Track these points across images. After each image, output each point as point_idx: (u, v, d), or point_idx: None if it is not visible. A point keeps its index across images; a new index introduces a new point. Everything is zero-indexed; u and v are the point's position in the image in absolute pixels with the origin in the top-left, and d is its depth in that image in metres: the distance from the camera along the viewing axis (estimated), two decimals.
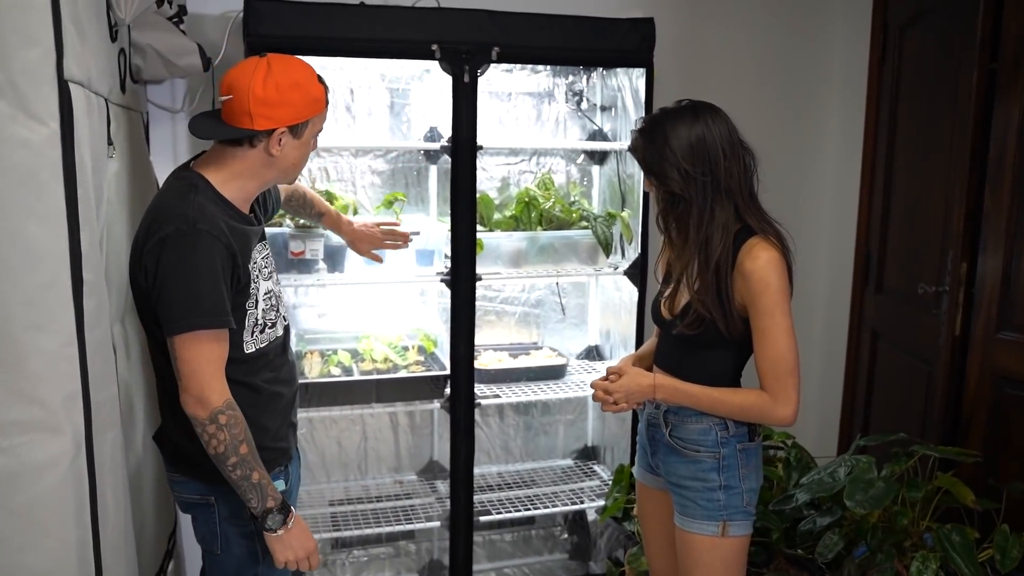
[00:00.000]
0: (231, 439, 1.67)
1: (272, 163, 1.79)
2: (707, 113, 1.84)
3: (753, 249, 1.80)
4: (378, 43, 2.58)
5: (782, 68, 3.41)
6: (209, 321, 1.66)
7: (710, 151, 1.79)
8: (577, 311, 3.37)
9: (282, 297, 1.98)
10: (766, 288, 1.77)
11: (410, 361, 2.93)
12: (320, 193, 2.83)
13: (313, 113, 1.80)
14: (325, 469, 3.18)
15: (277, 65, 1.75)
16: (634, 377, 1.94)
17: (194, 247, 1.65)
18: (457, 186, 2.69)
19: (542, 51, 2.74)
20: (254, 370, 1.83)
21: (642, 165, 1.90)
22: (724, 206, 1.82)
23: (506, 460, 3.37)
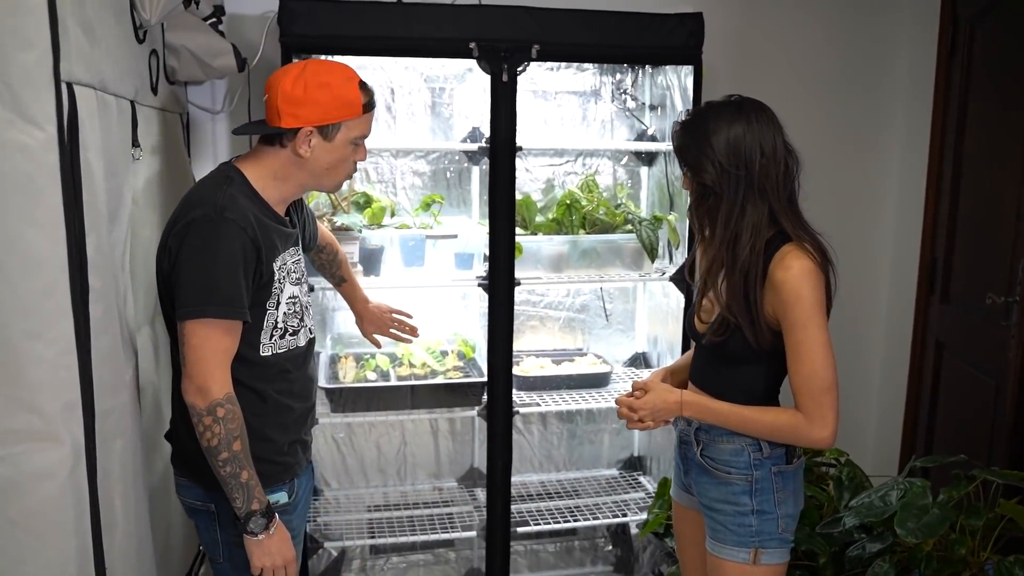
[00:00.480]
0: (226, 434, 1.63)
1: (302, 165, 1.76)
2: (752, 110, 1.73)
3: (785, 258, 1.68)
4: (414, 41, 2.52)
5: (842, 64, 3.23)
6: (222, 310, 1.63)
7: (748, 148, 1.69)
8: (624, 317, 3.26)
9: (310, 309, 1.93)
10: (798, 300, 1.65)
11: (448, 367, 2.87)
12: (357, 195, 2.79)
13: (344, 116, 1.73)
14: (364, 474, 3.14)
15: (313, 66, 1.73)
16: (660, 393, 1.84)
17: (218, 234, 1.63)
18: (495, 188, 2.62)
19: (583, 49, 2.65)
20: (265, 376, 1.78)
21: (679, 156, 1.82)
22: (757, 206, 1.71)
23: (548, 469, 3.29)
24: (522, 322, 3.17)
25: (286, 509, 1.84)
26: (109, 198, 1.73)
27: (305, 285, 1.90)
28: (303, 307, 1.87)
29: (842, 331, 3.35)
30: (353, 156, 1.81)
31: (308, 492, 2.00)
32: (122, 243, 1.89)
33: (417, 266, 2.79)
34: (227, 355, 1.67)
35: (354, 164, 1.84)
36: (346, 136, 1.76)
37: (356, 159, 1.83)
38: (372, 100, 1.79)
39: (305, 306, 1.89)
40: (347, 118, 1.74)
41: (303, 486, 1.94)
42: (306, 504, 1.98)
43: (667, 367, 2.11)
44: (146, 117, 2.19)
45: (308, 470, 1.99)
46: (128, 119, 2.00)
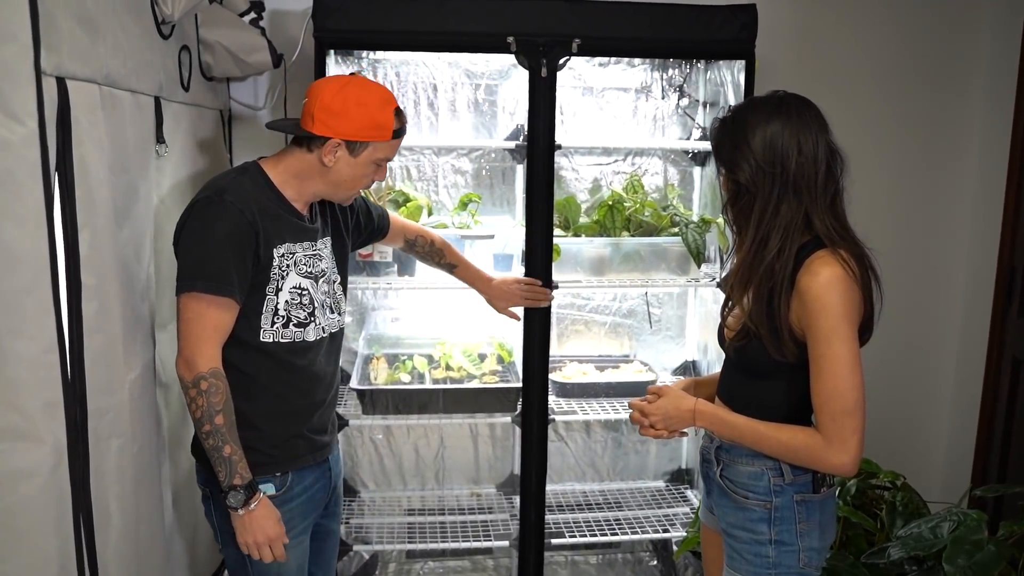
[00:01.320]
0: (208, 407, 1.66)
1: (323, 173, 1.81)
2: (793, 106, 1.61)
3: (813, 264, 1.55)
4: (449, 36, 2.45)
5: (913, 59, 3.02)
6: (209, 285, 1.66)
7: (785, 145, 1.58)
8: (674, 323, 3.13)
9: (328, 309, 1.90)
10: (823, 309, 1.52)
11: (485, 371, 2.79)
12: (395, 192, 2.74)
13: (374, 137, 1.79)
14: (402, 476, 3.10)
15: (356, 84, 1.79)
16: (673, 399, 1.73)
17: (215, 214, 1.69)
18: (533, 187, 2.53)
19: (627, 43, 2.53)
20: (261, 363, 1.79)
21: (715, 153, 1.71)
22: (792, 206, 1.58)
23: (592, 478, 3.18)
24: (566, 326, 3.08)
25: (274, 500, 1.80)
26: (117, 195, 1.71)
27: (323, 282, 1.88)
28: (315, 303, 1.85)
29: (910, 345, 3.15)
30: (372, 175, 1.87)
31: (318, 491, 1.95)
32: (138, 240, 1.88)
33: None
34: (218, 331, 1.70)
35: (370, 183, 1.89)
36: (371, 156, 1.82)
37: (375, 178, 1.88)
38: (403, 127, 1.85)
39: (319, 303, 1.86)
40: (376, 140, 1.80)
41: (305, 482, 1.90)
42: (310, 500, 1.93)
43: (694, 378, 1.99)
44: (175, 113, 2.19)
45: (319, 469, 1.95)
46: (150, 115, 1.99)
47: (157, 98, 2.04)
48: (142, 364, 1.83)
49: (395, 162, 2.89)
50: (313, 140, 1.77)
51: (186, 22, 2.24)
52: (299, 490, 1.88)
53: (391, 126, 1.80)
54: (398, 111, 1.82)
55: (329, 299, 1.91)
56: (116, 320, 1.66)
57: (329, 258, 1.93)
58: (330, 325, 1.91)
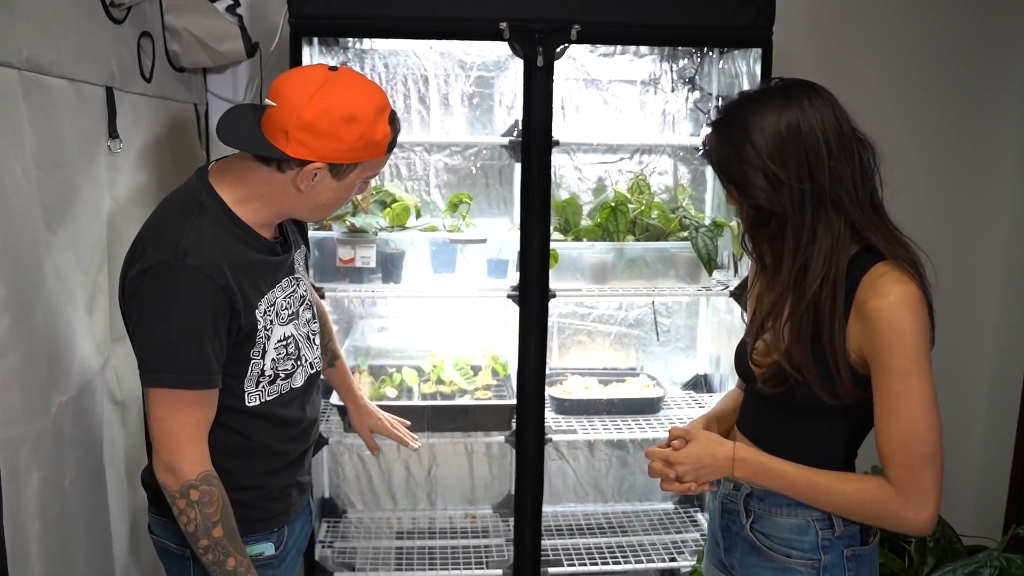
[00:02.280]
0: (203, 519, 1.38)
1: (298, 198, 1.46)
2: (803, 94, 1.34)
3: (880, 281, 1.29)
4: (438, 22, 2.25)
5: (950, 49, 2.78)
6: (183, 380, 1.36)
7: (808, 146, 1.30)
8: (684, 334, 2.91)
9: (309, 341, 1.61)
10: (899, 338, 1.26)
11: (479, 385, 2.59)
12: (383, 192, 2.55)
13: (366, 157, 1.44)
14: (391, 495, 2.90)
15: (342, 85, 1.40)
16: (706, 445, 1.43)
17: (177, 286, 1.34)
18: (528, 187, 2.33)
19: (632, 29, 2.31)
20: (252, 425, 1.51)
21: (717, 170, 1.41)
22: (831, 223, 1.32)
23: (595, 499, 2.96)
24: (568, 336, 2.87)
25: (271, 562, 1.59)
26: (46, 194, 1.52)
27: (302, 316, 1.59)
28: (300, 343, 1.58)
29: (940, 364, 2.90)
30: (356, 193, 1.55)
31: (302, 539, 1.73)
32: (81, 245, 1.69)
33: (447, 272, 2.53)
34: (200, 426, 1.41)
35: (346, 201, 1.57)
36: (359, 175, 1.48)
37: (356, 195, 1.59)
38: (397, 135, 1.50)
39: (306, 338, 1.60)
40: (368, 159, 1.45)
41: (296, 533, 1.68)
42: (298, 552, 1.72)
43: (710, 412, 1.68)
44: (133, 106, 2.00)
45: (304, 514, 1.73)
46: (99, 107, 1.81)
47: (109, 88, 1.85)
48: (79, 384, 1.64)
49: None
50: (285, 160, 1.40)
51: (147, 6, 2.06)
52: (292, 541, 1.67)
53: (386, 139, 1.45)
54: (392, 117, 1.47)
55: (310, 327, 1.63)
56: (39, 336, 1.47)
57: (304, 276, 1.64)
58: (315, 358, 1.65)
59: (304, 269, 1.66)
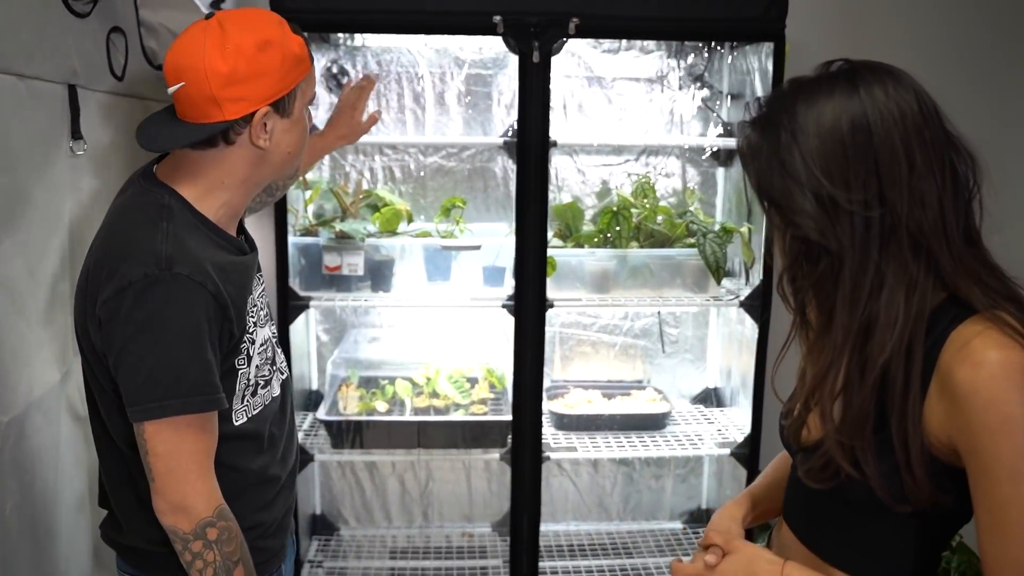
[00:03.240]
0: (222, 560, 1.22)
1: (263, 159, 1.31)
2: (877, 81, 0.99)
3: (974, 344, 0.94)
4: (427, 16, 2.13)
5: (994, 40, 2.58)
6: (190, 404, 1.20)
7: (880, 155, 0.97)
8: (694, 345, 2.76)
9: (275, 342, 1.48)
10: (1006, 425, 0.91)
11: (475, 399, 2.46)
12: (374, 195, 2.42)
13: (298, 77, 1.30)
14: (386, 512, 2.78)
15: (233, 25, 1.25)
16: (747, 561, 1.11)
17: (167, 299, 1.18)
18: (523, 191, 2.20)
19: (634, 23, 2.18)
20: (243, 449, 1.36)
21: (753, 185, 1.07)
22: (907, 264, 0.98)
23: (599, 517, 2.82)
24: (571, 347, 2.73)
25: None
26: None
27: (271, 317, 1.49)
28: (273, 347, 1.45)
29: None
30: (308, 124, 1.39)
31: (288, 571, 1.59)
32: (34, 253, 1.58)
33: (442, 280, 2.41)
34: (207, 456, 1.25)
35: (307, 137, 1.40)
36: (302, 102, 1.34)
37: (308, 128, 1.40)
38: (307, 42, 1.34)
39: (275, 343, 1.47)
40: (300, 78, 1.31)
41: (288, 565, 1.56)
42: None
43: (754, 489, 1.34)
44: (101, 105, 1.89)
45: (291, 542, 1.59)
46: (58, 106, 1.70)
47: (72, 86, 1.74)
48: (26, 403, 1.53)
49: (376, 162, 2.58)
50: (229, 129, 1.26)
51: (118, 1, 1.95)
52: (286, 569, 1.54)
53: (306, 51, 1.31)
54: (291, 25, 1.32)
55: (273, 327, 1.51)
56: None
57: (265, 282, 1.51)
58: (282, 362, 1.51)
59: None
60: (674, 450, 2.42)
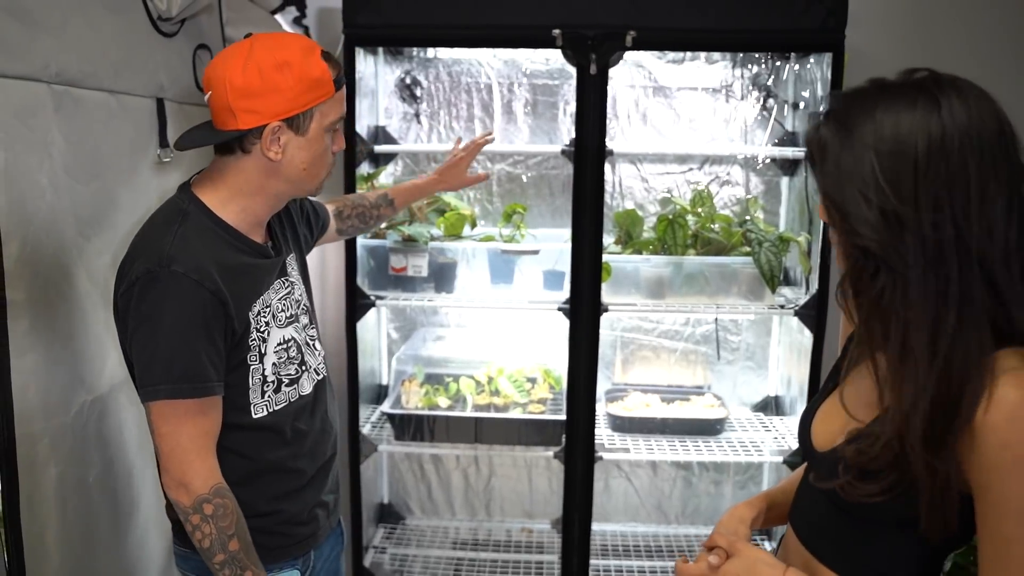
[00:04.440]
0: (218, 533, 1.36)
1: (275, 171, 1.42)
2: (960, 97, 0.97)
3: (1001, 381, 0.93)
4: (490, 30, 2.23)
5: None
6: (179, 389, 1.33)
7: (955, 176, 0.94)
8: (756, 353, 2.76)
9: (310, 347, 1.59)
10: (1015, 466, 0.92)
11: (534, 398, 2.54)
12: (441, 202, 2.54)
13: (316, 99, 1.40)
14: (450, 505, 2.89)
15: (261, 45, 1.38)
16: (750, 565, 1.13)
17: (165, 294, 1.31)
18: (580, 198, 2.27)
19: (690, 35, 2.22)
20: (261, 441, 1.48)
21: (818, 183, 1.06)
22: (975, 285, 0.95)
23: (658, 520, 2.86)
24: (632, 351, 2.78)
25: None
26: (80, 204, 1.60)
27: (303, 320, 1.58)
28: (302, 347, 1.55)
29: None
30: (331, 147, 1.49)
31: (332, 560, 1.70)
32: (116, 251, 1.75)
33: (505, 284, 2.50)
34: (207, 437, 1.38)
35: (333, 157, 1.51)
36: (320, 124, 1.43)
37: (333, 150, 1.50)
38: (341, 73, 1.45)
39: (306, 344, 1.57)
40: (319, 101, 1.40)
41: (324, 556, 1.65)
42: (327, 573, 1.69)
43: (772, 492, 1.37)
44: (187, 116, 2.07)
45: (334, 535, 1.70)
46: (145, 118, 1.88)
47: (160, 100, 1.92)
48: (110, 384, 1.71)
49: None
50: (244, 138, 1.39)
51: (204, 19, 2.13)
52: (320, 564, 1.64)
53: (329, 76, 1.40)
54: (327, 55, 1.42)
55: (307, 333, 1.60)
56: (62, 338, 1.54)
57: (299, 280, 1.60)
58: (320, 363, 1.62)
59: (300, 278, 1.62)
60: (727, 455, 2.43)
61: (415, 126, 2.68)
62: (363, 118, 2.46)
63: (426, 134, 2.68)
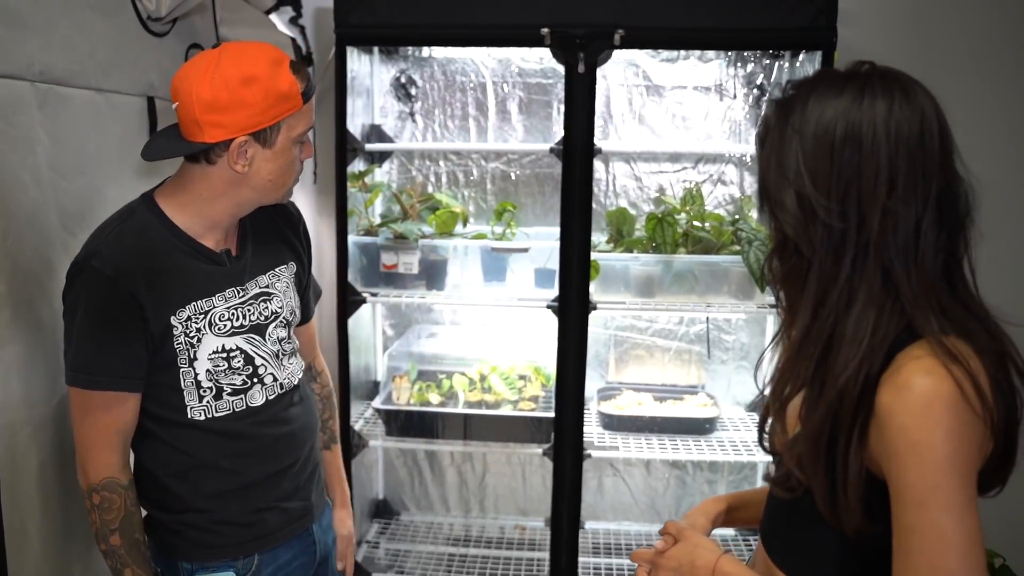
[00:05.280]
0: (101, 524, 1.41)
1: (243, 181, 1.42)
2: (885, 94, 0.98)
3: (903, 371, 0.94)
4: (479, 29, 2.25)
5: None
6: (76, 378, 1.38)
7: (864, 167, 0.96)
8: (750, 352, 2.76)
9: (278, 359, 1.55)
10: (912, 451, 0.91)
11: (525, 396, 2.56)
12: (433, 199, 2.56)
13: (283, 113, 1.39)
14: (444, 501, 2.91)
15: (228, 57, 1.38)
16: (691, 550, 1.16)
17: (82, 287, 1.37)
18: (568, 196, 2.28)
19: (679, 33, 2.23)
20: (200, 441, 1.47)
21: (758, 167, 1.09)
22: (877, 284, 0.98)
23: (652, 519, 2.86)
24: (625, 350, 2.79)
25: None
26: (66, 199, 1.62)
27: (281, 326, 1.56)
28: (256, 360, 1.51)
29: None
30: (299, 157, 1.48)
31: (296, 570, 1.62)
32: None
33: (497, 282, 2.52)
34: (109, 432, 1.40)
35: (301, 166, 1.51)
36: (288, 136, 1.42)
37: (302, 159, 1.50)
38: (310, 85, 1.44)
39: (266, 357, 1.53)
40: (286, 115, 1.40)
41: (279, 561, 1.58)
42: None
43: (739, 495, 1.40)
44: None
45: (300, 543, 1.62)
46: (134, 115, 1.90)
47: (151, 98, 1.96)
48: None
49: (441, 167, 2.72)
50: (211, 150, 1.39)
51: (198, 19, 2.16)
52: (272, 571, 1.57)
53: (297, 89, 1.40)
54: (295, 65, 1.41)
55: (282, 346, 1.56)
56: (43, 329, 1.56)
57: (284, 293, 1.57)
58: (291, 375, 1.58)
59: (289, 290, 1.60)
60: (716, 455, 2.44)
61: (410, 124, 2.70)
62: (358, 117, 2.48)
63: (421, 132, 2.70)
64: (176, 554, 1.51)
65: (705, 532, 1.30)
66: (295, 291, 1.62)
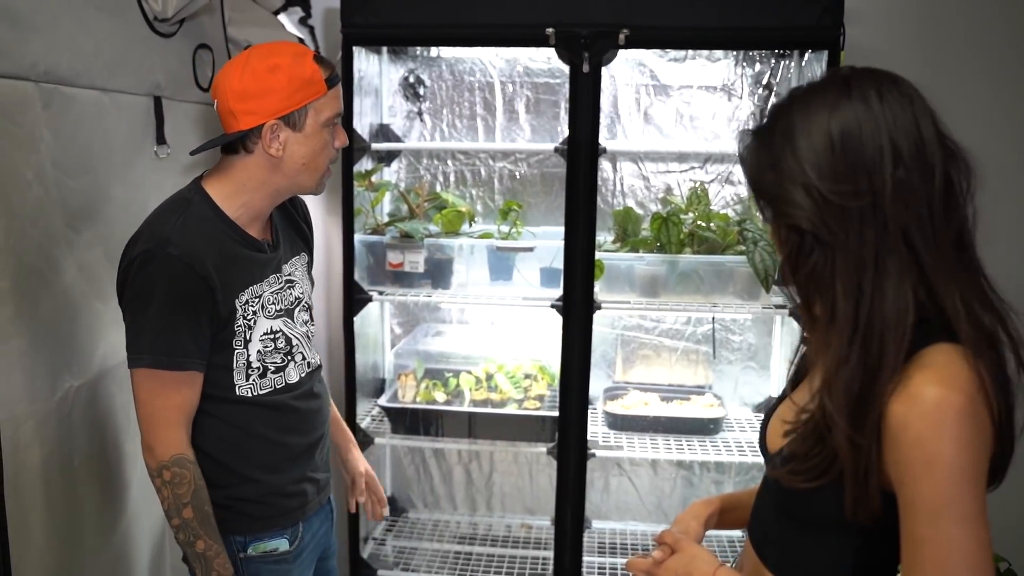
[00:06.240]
0: (174, 499, 1.48)
1: (277, 167, 1.55)
2: (871, 87, 1.00)
3: (915, 380, 0.95)
4: (484, 29, 2.26)
5: None
6: (160, 359, 1.46)
7: (868, 153, 0.98)
8: (757, 353, 2.75)
9: (307, 341, 1.70)
10: (928, 464, 0.92)
11: (531, 395, 2.56)
12: (440, 198, 2.57)
13: (309, 97, 1.52)
14: (451, 499, 2.92)
15: (256, 53, 1.54)
16: (688, 563, 1.18)
17: (158, 272, 1.45)
18: (573, 195, 2.29)
19: (684, 33, 2.23)
20: (248, 416, 1.59)
21: (750, 187, 1.10)
22: (902, 256, 0.98)
23: (659, 519, 2.85)
24: (632, 350, 2.78)
25: (285, 558, 1.65)
26: (70, 196, 1.66)
27: (304, 310, 1.69)
28: (292, 341, 1.65)
29: None
30: (331, 142, 1.59)
31: (322, 535, 1.78)
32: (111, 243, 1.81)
33: (504, 280, 2.52)
34: (180, 411, 1.50)
35: (335, 153, 1.62)
36: (316, 120, 1.54)
37: (335, 146, 1.60)
38: (335, 73, 1.56)
39: (298, 338, 1.67)
40: (312, 99, 1.52)
41: (313, 530, 1.72)
42: (316, 548, 1.77)
43: (723, 496, 1.40)
44: (187, 114, 2.14)
45: (324, 511, 1.78)
46: (141, 115, 1.94)
47: (157, 98, 1.99)
48: (100, 370, 1.77)
49: (449, 166, 2.73)
50: (247, 138, 1.52)
51: (206, 20, 2.19)
52: (308, 538, 1.71)
53: (320, 76, 1.52)
54: (319, 57, 1.54)
55: (309, 328, 1.72)
56: (46, 325, 1.59)
57: (302, 280, 1.72)
58: (312, 358, 1.72)
59: (305, 277, 1.74)
60: (721, 455, 2.43)
61: (418, 124, 2.72)
62: (366, 116, 2.50)
63: (429, 132, 2.72)
64: (229, 529, 1.58)
65: (698, 537, 1.31)
66: (308, 279, 1.75)
